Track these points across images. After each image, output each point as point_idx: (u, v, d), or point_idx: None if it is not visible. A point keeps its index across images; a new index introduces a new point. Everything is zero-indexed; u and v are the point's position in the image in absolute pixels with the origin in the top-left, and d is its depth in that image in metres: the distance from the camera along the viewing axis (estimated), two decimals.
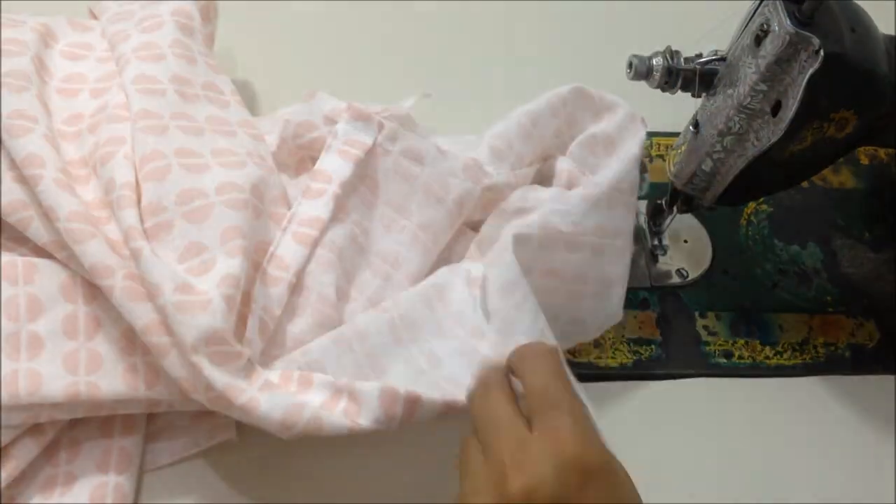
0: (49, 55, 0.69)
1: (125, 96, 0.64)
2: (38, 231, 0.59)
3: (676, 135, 0.68)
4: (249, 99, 0.80)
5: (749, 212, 0.79)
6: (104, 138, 0.62)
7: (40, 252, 0.60)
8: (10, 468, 0.56)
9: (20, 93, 0.63)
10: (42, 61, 0.67)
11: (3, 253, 0.60)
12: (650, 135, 0.82)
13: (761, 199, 0.80)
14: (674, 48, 0.63)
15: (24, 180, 0.59)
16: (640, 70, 0.63)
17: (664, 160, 0.79)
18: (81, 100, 0.67)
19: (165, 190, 0.59)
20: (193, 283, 0.56)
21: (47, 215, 0.58)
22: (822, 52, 0.55)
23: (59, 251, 0.59)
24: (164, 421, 0.62)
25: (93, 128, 0.64)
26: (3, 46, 0.65)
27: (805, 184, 0.82)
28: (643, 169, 0.79)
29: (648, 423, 0.68)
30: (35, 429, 0.57)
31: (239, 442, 0.62)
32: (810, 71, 0.56)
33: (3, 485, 0.56)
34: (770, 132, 0.59)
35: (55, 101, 0.66)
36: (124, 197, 0.58)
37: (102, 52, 0.70)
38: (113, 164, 0.60)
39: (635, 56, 0.63)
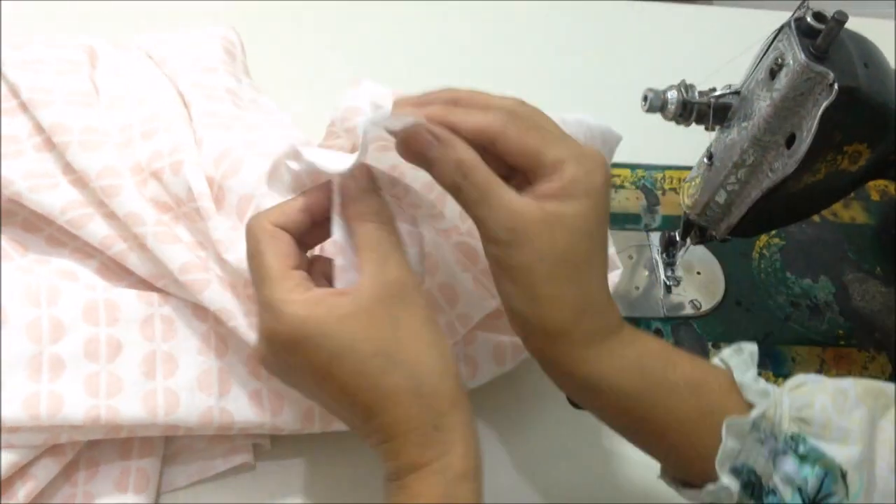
0: (96, 74, 0.70)
1: (181, 103, 0.66)
2: (94, 229, 0.61)
3: (689, 168, 0.69)
4: None
5: (761, 245, 0.80)
6: (167, 147, 0.63)
7: (78, 253, 0.63)
8: (30, 487, 0.56)
9: (87, 108, 0.65)
10: (93, 80, 0.69)
11: (39, 260, 0.63)
12: (663, 168, 0.83)
13: (773, 233, 0.81)
14: (688, 82, 0.64)
15: (81, 183, 0.62)
16: (655, 103, 0.64)
17: (677, 193, 0.80)
18: (128, 110, 0.68)
19: (242, 180, 0.60)
20: None
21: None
22: (836, 86, 0.56)
23: (111, 246, 0.61)
24: (182, 444, 0.62)
25: (147, 135, 0.65)
26: (62, 66, 0.68)
27: (817, 218, 0.82)
28: (655, 201, 0.80)
29: None
30: (55, 449, 0.58)
31: (256, 465, 0.62)
32: (824, 104, 0.57)
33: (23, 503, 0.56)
34: (784, 164, 0.60)
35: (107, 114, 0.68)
36: (205, 208, 0.60)
37: (143, 67, 0.72)
38: (185, 173, 0.61)
39: (650, 89, 0.64)
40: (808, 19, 0.57)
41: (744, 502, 0.49)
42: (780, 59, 0.58)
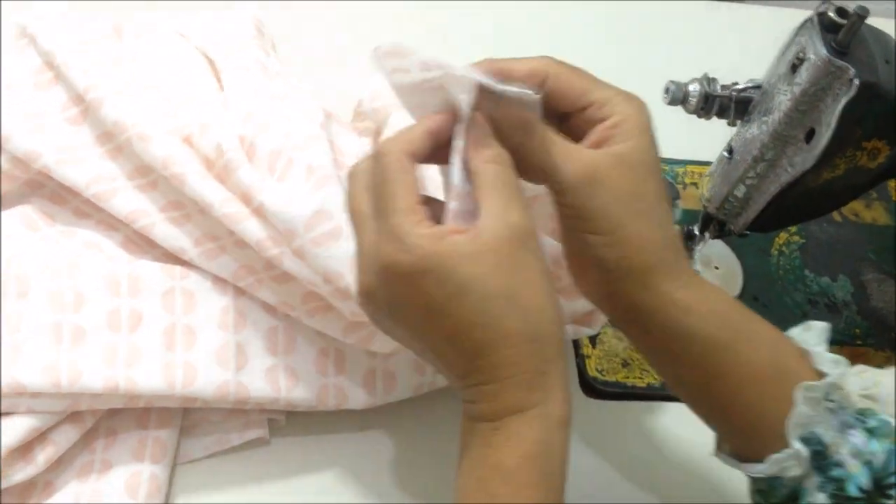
0: (123, 46, 0.72)
1: (210, 72, 0.68)
2: (119, 203, 0.63)
3: (710, 163, 0.69)
4: None
5: (781, 242, 0.80)
6: (196, 112, 0.64)
7: (103, 225, 0.65)
8: (49, 453, 0.58)
9: (119, 69, 0.67)
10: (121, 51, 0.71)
11: (64, 231, 0.65)
12: (685, 163, 0.84)
13: (793, 230, 0.81)
14: (711, 75, 0.64)
15: (113, 153, 0.65)
16: (677, 95, 0.64)
17: (697, 188, 0.80)
18: (157, 77, 0.69)
19: (271, 136, 0.61)
20: None
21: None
22: (856, 82, 0.56)
23: (136, 220, 0.63)
24: (199, 416, 0.63)
25: (177, 101, 0.66)
26: (93, 35, 0.69)
27: (838, 217, 0.82)
28: (675, 195, 0.80)
29: (675, 443, 0.69)
30: (75, 416, 0.59)
31: (270, 441, 0.64)
32: (844, 100, 0.57)
33: (41, 468, 0.57)
34: (803, 159, 0.60)
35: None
36: (233, 160, 0.60)
37: (172, 40, 0.73)
38: (213, 132, 0.62)
39: (672, 82, 0.65)
40: (830, 14, 0.57)
41: (804, 477, 0.49)
42: (801, 54, 0.58)
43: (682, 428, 0.69)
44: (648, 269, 0.49)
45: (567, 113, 0.51)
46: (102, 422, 0.61)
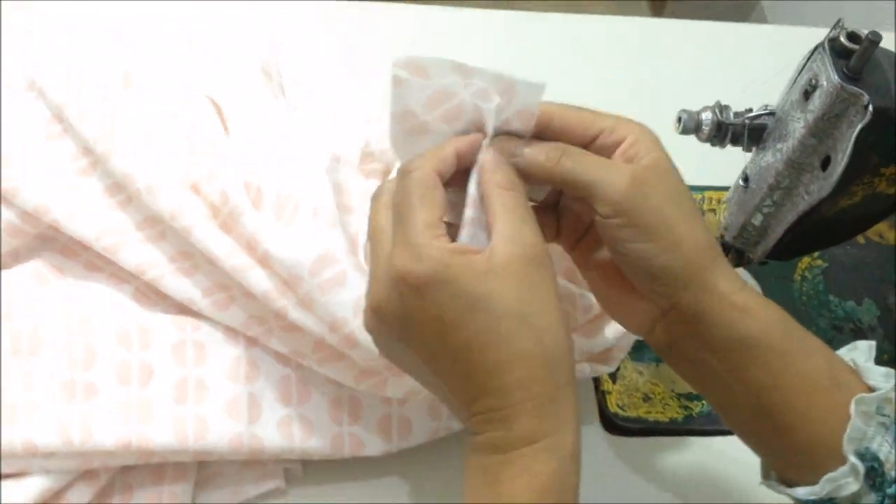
0: (132, 94, 0.72)
1: (217, 118, 0.68)
2: (127, 256, 0.62)
3: (727, 188, 0.68)
4: None
5: (803, 267, 0.79)
6: (203, 160, 0.64)
7: (115, 278, 0.65)
8: None
9: (128, 122, 0.67)
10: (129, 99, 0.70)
11: (76, 285, 0.64)
12: (701, 189, 0.82)
13: (816, 255, 0.79)
14: (723, 103, 0.63)
15: (123, 205, 0.65)
16: (689, 125, 0.63)
17: (715, 214, 0.79)
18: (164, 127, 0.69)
19: (278, 181, 0.61)
20: None
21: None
22: (870, 108, 0.55)
23: (145, 272, 0.62)
24: (214, 469, 0.62)
25: (184, 150, 0.66)
26: (101, 82, 0.69)
27: (861, 240, 0.81)
28: None
29: (702, 478, 0.67)
30: (89, 474, 0.59)
31: (287, 491, 0.63)
32: (859, 126, 0.55)
33: None
34: (820, 187, 0.59)
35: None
36: (237, 206, 0.60)
37: (178, 84, 0.72)
38: (218, 179, 0.62)
39: (684, 111, 0.64)
40: (842, 39, 0.56)
41: (859, 495, 0.48)
42: (813, 80, 0.57)
43: (707, 463, 0.68)
44: (707, 268, 0.49)
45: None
46: (117, 477, 0.61)
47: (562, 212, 0.55)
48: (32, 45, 0.71)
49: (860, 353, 0.53)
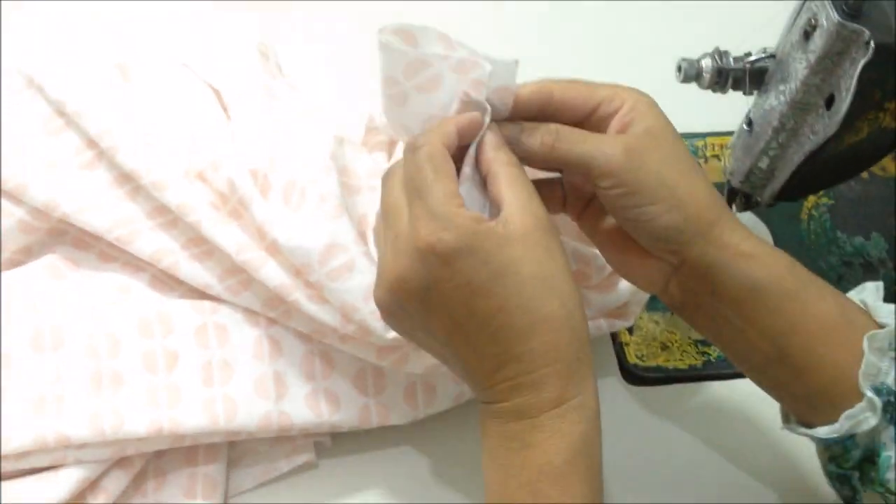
0: (131, 88, 0.71)
1: (218, 105, 0.68)
2: (142, 245, 0.62)
3: (730, 133, 0.68)
4: None
5: (809, 206, 0.79)
6: (207, 148, 0.64)
7: (130, 267, 0.65)
8: (101, 500, 0.58)
9: (130, 115, 0.66)
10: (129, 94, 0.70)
11: (91, 277, 0.64)
12: (704, 135, 0.82)
13: (821, 193, 0.80)
14: (722, 48, 0.63)
15: (131, 195, 0.64)
16: (690, 73, 0.64)
17: (720, 160, 0.79)
18: (166, 119, 0.69)
19: (285, 167, 0.61)
20: None
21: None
22: (872, 44, 0.55)
23: (161, 260, 0.62)
24: (245, 447, 0.63)
25: (188, 140, 0.66)
26: (98, 78, 0.68)
27: (865, 174, 0.81)
28: None
29: (724, 423, 0.68)
30: (123, 461, 0.59)
31: (318, 464, 0.64)
32: (862, 63, 0.55)
33: None
34: (825, 126, 0.59)
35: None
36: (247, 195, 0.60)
37: (177, 74, 0.72)
38: (225, 168, 0.62)
39: (684, 59, 0.64)
40: None
41: (878, 431, 0.49)
42: (813, 20, 0.57)
43: (728, 406, 0.69)
44: (712, 223, 0.50)
45: (580, 120, 0.51)
46: (150, 463, 0.61)
47: (566, 183, 0.56)
48: (28, 43, 0.70)
49: (868, 293, 0.54)
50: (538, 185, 0.50)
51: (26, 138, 0.66)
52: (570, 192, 0.56)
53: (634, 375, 0.70)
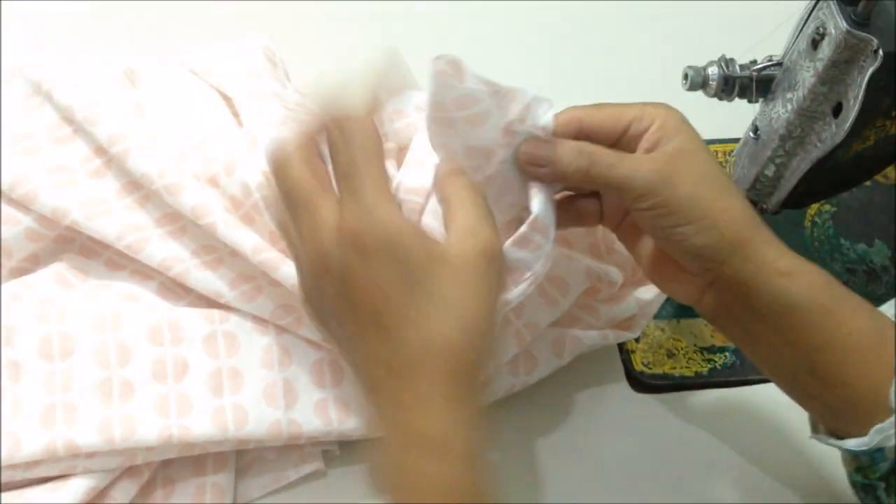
0: (140, 93, 0.71)
1: (229, 111, 0.68)
2: (152, 252, 0.62)
3: (735, 141, 0.69)
4: None
5: (812, 213, 0.79)
6: (220, 153, 0.64)
7: (138, 275, 0.65)
8: None
9: (140, 119, 0.66)
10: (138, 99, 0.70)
11: (100, 285, 0.64)
12: (708, 142, 0.82)
13: (824, 200, 0.80)
14: (728, 56, 0.64)
15: (140, 202, 0.64)
16: (696, 81, 0.64)
17: (724, 168, 0.79)
18: (176, 124, 0.69)
19: None
20: None
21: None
22: (880, 52, 0.55)
23: (170, 268, 0.62)
24: (253, 456, 0.63)
25: (199, 146, 0.65)
26: (107, 85, 0.68)
27: (868, 181, 0.81)
28: None
29: (730, 430, 0.68)
30: (132, 470, 0.59)
31: (327, 472, 0.63)
32: (870, 70, 0.56)
33: None
34: (832, 134, 0.60)
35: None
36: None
37: (187, 80, 0.72)
38: (239, 171, 0.62)
39: (690, 67, 0.64)
40: None
41: None
42: (821, 29, 0.58)
43: (734, 413, 0.69)
44: (747, 241, 0.51)
45: (611, 144, 0.52)
46: (159, 472, 0.61)
47: (603, 197, 0.56)
48: (32, 48, 0.70)
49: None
50: (576, 197, 0.51)
51: (34, 145, 0.66)
52: (608, 206, 0.56)
53: (641, 382, 0.70)
